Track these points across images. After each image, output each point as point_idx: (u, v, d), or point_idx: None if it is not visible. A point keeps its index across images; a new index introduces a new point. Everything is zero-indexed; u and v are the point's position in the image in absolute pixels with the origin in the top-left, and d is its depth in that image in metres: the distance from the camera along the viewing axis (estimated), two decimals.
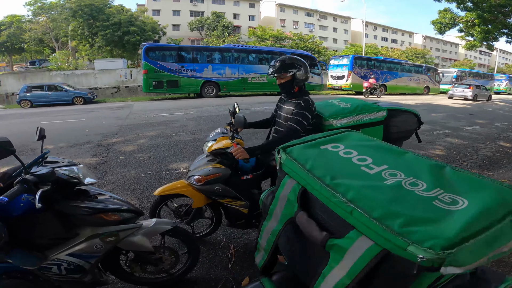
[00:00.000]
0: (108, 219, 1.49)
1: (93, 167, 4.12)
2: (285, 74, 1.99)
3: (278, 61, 2.01)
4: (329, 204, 0.78)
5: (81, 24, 24.72)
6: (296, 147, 1.03)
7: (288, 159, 0.96)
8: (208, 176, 1.98)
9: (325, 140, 1.08)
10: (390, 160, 0.90)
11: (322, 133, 1.16)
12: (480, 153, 5.22)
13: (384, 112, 2.05)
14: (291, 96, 2.08)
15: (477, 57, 62.25)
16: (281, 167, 0.99)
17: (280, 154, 1.00)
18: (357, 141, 1.08)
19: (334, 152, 0.99)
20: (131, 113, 9.46)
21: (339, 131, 1.18)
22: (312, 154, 0.96)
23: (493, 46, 16.28)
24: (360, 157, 0.93)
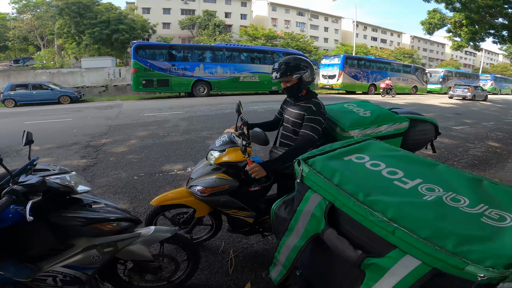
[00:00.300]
0: (105, 229, 1.42)
1: (82, 169, 3.98)
2: (291, 77, 1.84)
3: (282, 64, 1.85)
4: (364, 222, 0.74)
5: (68, 22, 24.22)
6: (319, 159, 0.97)
7: (311, 172, 0.90)
8: (213, 188, 1.83)
9: (347, 150, 1.04)
10: (423, 173, 0.87)
11: (340, 142, 1.11)
12: (470, 152, 5.31)
13: (406, 123, 1.91)
14: (299, 100, 1.94)
15: (463, 57, 63.91)
16: (302, 180, 0.94)
17: (301, 166, 0.94)
18: (381, 151, 1.04)
19: (360, 164, 0.94)
20: (121, 112, 9.25)
21: (359, 140, 1.14)
22: (337, 167, 0.91)
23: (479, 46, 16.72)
24: (389, 169, 0.89)
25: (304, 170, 0.93)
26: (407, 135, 1.92)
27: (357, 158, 0.98)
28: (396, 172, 0.88)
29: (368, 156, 0.99)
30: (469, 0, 13.77)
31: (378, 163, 0.94)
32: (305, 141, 1.77)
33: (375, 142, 1.12)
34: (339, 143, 1.11)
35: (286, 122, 2.02)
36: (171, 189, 3.33)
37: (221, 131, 6.11)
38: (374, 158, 0.97)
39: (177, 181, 3.56)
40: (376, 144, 1.11)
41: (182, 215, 2.19)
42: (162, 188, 3.37)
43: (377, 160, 0.95)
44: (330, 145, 1.09)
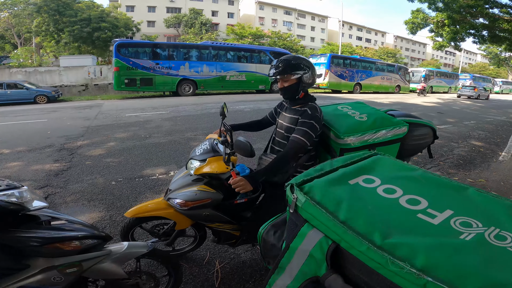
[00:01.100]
0: (66, 248, 1.26)
1: (55, 174, 3.70)
2: (290, 76, 1.67)
3: (282, 61, 1.67)
4: (381, 271, 0.57)
5: (46, 19, 23.40)
6: (318, 184, 0.77)
7: (309, 203, 0.71)
8: (194, 202, 1.65)
9: (352, 170, 0.85)
10: (451, 202, 0.70)
11: (342, 159, 0.92)
12: (455, 152, 5.35)
13: (405, 128, 1.75)
14: (295, 103, 1.77)
15: (443, 57, 66.05)
16: (296, 210, 0.74)
17: (295, 194, 0.74)
18: (393, 170, 0.86)
19: (371, 189, 0.76)
20: (100, 112, 8.84)
21: (364, 155, 0.95)
22: (342, 195, 0.73)
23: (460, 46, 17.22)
24: (409, 197, 0.71)
25: (299, 199, 0.73)
26: (404, 140, 1.78)
27: (366, 181, 0.79)
28: (418, 201, 0.69)
29: (378, 178, 0.80)
30: (451, 0, 14.09)
31: (393, 188, 0.75)
32: (295, 147, 1.58)
33: (384, 158, 0.94)
34: (340, 159, 0.93)
35: (280, 128, 1.84)
36: (152, 196, 3.15)
37: (206, 132, 5.92)
38: (387, 181, 0.78)
39: (158, 186, 3.35)
40: (386, 161, 0.92)
41: (161, 226, 2.01)
42: (142, 194, 3.16)
43: (391, 184, 0.76)
44: (330, 163, 0.91)
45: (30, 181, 3.47)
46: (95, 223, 2.59)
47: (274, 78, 1.72)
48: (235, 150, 1.55)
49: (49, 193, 3.18)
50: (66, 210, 2.83)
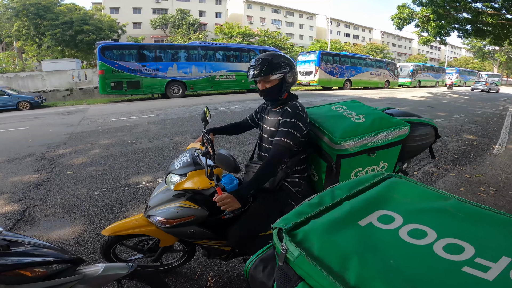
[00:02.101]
0: (30, 274, 1.12)
1: (34, 185, 3.47)
2: (272, 76, 1.51)
3: (261, 61, 1.51)
4: None
5: (26, 23, 22.79)
6: (315, 229, 0.56)
7: (303, 259, 0.52)
8: (176, 220, 1.49)
9: (361, 205, 0.64)
10: (506, 244, 0.51)
11: (346, 186, 0.71)
12: (449, 147, 5.31)
13: (407, 128, 1.59)
14: (277, 105, 1.62)
15: (429, 51, 67.27)
16: (286, 261, 0.55)
17: (285, 244, 0.55)
18: (416, 201, 0.64)
19: (390, 233, 0.55)
20: (85, 118, 8.52)
21: (374, 180, 0.72)
22: (350, 245, 0.52)
23: (445, 40, 17.47)
24: (446, 242, 0.52)
25: (290, 251, 0.54)
26: (406, 142, 1.63)
27: (382, 219, 0.58)
28: (461, 247, 0.50)
29: (399, 214, 0.59)
30: None
31: (421, 228, 0.54)
32: (279, 151, 1.43)
33: (402, 183, 0.71)
34: (344, 187, 0.71)
35: (264, 133, 1.69)
36: (138, 205, 2.96)
37: (196, 136, 5.72)
38: (412, 219, 0.57)
39: (145, 195, 3.17)
40: (405, 187, 0.69)
41: (146, 241, 1.85)
42: (127, 205, 2.97)
43: (418, 223, 0.55)
44: (331, 192, 0.68)
45: (8, 194, 3.24)
46: (77, 237, 2.41)
47: (253, 79, 1.55)
48: (217, 164, 1.38)
49: (28, 206, 2.97)
50: (46, 223, 2.64)
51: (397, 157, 1.65)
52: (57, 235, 2.44)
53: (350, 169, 1.52)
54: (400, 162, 1.73)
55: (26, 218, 2.73)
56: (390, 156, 1.60)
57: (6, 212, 2.84)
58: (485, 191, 3.42)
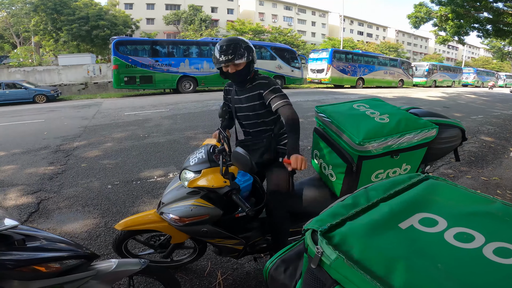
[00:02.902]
0: (44, 270, 1.12)
1: (49, 177, 3.54)
2: (243, 59, 1.60)
3: (229, 45, 1.59)
4: None
5: (44, 18, 23.25)
6: (354, 232, 0.54)
7: (343, 262, 0.49)
8: (190, 218, 1.47)
9: (399, 207, 0.60)
10: None
11: (380, 187, 0.67)
12: (466, 148, 5.16)
13: (435, 130, 1.50)
14: (244, 84, 1.73)
15: (445, 51, 65.38)
16: (320, 265, 0.52)
17: (320, 247, 0.52)
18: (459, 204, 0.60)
19: (435, 236, 0.52)
20: (99, 111, 8.67)
21: (410, 181, 0.68)
22: (394, 249, 0.50)
23: (463, 40, 16.92)
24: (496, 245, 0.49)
25: (326, 254, 0.51)
26: (431, 144, 1.54)
27: (424, 222, 0.55)
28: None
29: (442, 217, 0.56)
30: None
31: (468, 232, 0.51)
32: (290, 109, 1.56)
33: (441, 185, 0.67)
34: (379, 188, 0.67)
35: (242, 111, 1.78)
36: (149, 200, 2.98)
37: (207, 131, 5.74)
38: (457, 222, 0.54)
39: (156, 190, 3.19)
40: (445, 189, 0.65)
41: (157, 237, 1.85)
42: (139, 199, 3.00)
43: (464, 226, 0.52)
44: (365, 193, 0.65)
45: (23, 185, 3.32)
46: (89, 230, 2.44)
47: (220, 65, 1.64)
48: (232, 162, 1.37)
49: (42, 198, 3.03)
50: (59, 216, 2.68)
51: (421, 160, 1.58)
52: (70, 228, 2.48)
53: (371, 171, 1.47)
54: (422, 165, 1.65)
55: (40, 211, 2.78)
56: (414, 158, 1.53)
57: (21, 204, 2.91)
58: (502, 194, 3.31)
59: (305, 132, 5.74)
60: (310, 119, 6.96)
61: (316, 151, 1.79)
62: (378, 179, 1.51)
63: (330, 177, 1.61)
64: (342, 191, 1.52)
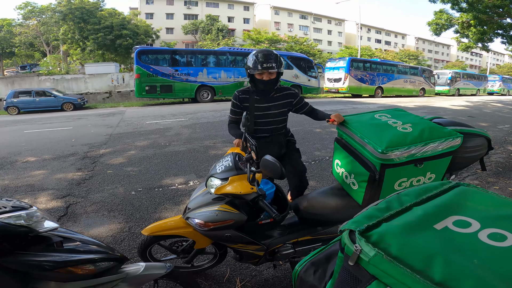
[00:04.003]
0: (79, 272, 1.18)
1: (77, 183, 3.72)
2: (279, 69, 1.97)
3: (269, 55, 1.93)
4: None
5: (72, 27, 24.28)
6: (391, 231, 0.58)
7: (382, 258, 0.53)
8: (215, 223, 1.53)
9: (433, 210, 0.64)
10: None
11: (413, 192, 0.71)
12: (492, 159, 4.95)
13: (460, 139, 1.51)
14: (270, 92, 2.07)
15: (469, 58, 63.19)
16: (357, 262, 0.57)
17: (359, 245, 0.56)
18: (491, 208, 0.64)
19: (469, 236, 0.56)
20: (122, 120, 9.03)
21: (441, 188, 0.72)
22: (430, 246, 0.54)
23: (487, 47, 16.34)
24: None
25: (364, 252, 0.55)
26: (456, 153, 1.55)
27: (458, 224, 0.59)
28: None
29: (475, 219, 0.60)
30: (476, 0, 13.45)
31: (501, 233, 0.55)
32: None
33: (472, 191, 0.71)
34: (411, 193, 0.71)
35: (266, 117, 2.13)
36: (171, 207, 3.08)
37: (225, 140, 5.85)
38: (490, 224, 0.58)
39: (177, 197, 3.28)
40: (476, 195, 0.69)
41: (180, 243, 1.91)
42: (161, 205, 3.09)
43: (498, 228, 0.56)
44: (398, 199, 0.68)
45: (53, 190, 3.51)
46: (114, 235, 2.55)
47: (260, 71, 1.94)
48: (261, 170, 1.42)
49: (71, 202, 3.18)
50: (86, 220, 2.81)
51: (446, 169, 1.57)
52: (96, 232, 2.59)
53: (394, 179, 1.47)
54: (447, 174, 1.64)
55: (68, 215, 2.92)
56: (438, 167, 1.52)
57: (51, 207, 3.07)
58: None
59: (323, 142, 5.72)
60: (327, 129, 6.92)
61: (337, 160, 1.81)
62: (401, 188, 1.51)
63: (352, 186, 1.62)
64: (365, 199, 1.53)
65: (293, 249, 1.73)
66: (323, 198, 1.73)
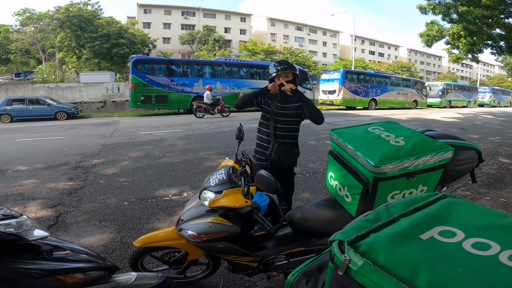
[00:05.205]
0: (68, 281, 1.18)
1: (68, 192, 3.68)
2: (291, 71, 2.23)
3: (284, 61, 2.26)
4: None
5: (69, 35, 24.18)
6: (378, 241, 0.59)
7: (369, 268, 0.55)
8: (208, 235, 1.53)
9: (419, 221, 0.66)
10: None
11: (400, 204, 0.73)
12: (484, 170, 5.03)
13: (451, 152, 1.53)
14: (289, 96, 2.26)
15: (460, 69, 64.74)
16: (347, 272, 0.59)
17: (347, 255, 0.58)
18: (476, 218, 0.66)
19: (454, 245, 0.58)
20: (116, 130, 8.99)
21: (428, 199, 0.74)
22: (416, 255, 0.56)
23: (477, 58, 16.77)
24: (508, 253, 0.55)
25: (353, 262, 0.57)
26: (447, 166, 1.57)
27: (443, 234, 0.61)
28: None
29: (460, 229, 0.62)
30: (465, 11, 13.84)
31: (484, 242, 0.57)
32: (321, 113, 2.29)
33: (458, 202, 0.72)
34: (399, 205, 0.73)
35: (284, 117, 2.31)
36: (164, 217, 3.05)
37: (220, 152, 5.86)
38: (474, 233, 0.60)
39: (171, 208, 3.25)
40: (462, 206, 0.71)
41: (173, 253, 1.90)
42: (154, 216, 3.07)
43: (481, 237, 0.58)
44: (386, 210, 0.70)
45: (44, 199, 3.46)
46: (105, 244, 2.51)
47: (278, 73, 2.21)
48: (256, 184, 1.45)
49: (61, 212, 3.14)
50: (77, 230, 2.77)
51: (437, 181, 1.59)
52: (87, 242, 2.55)
53: (387, 192, 1.49)
54: (439, 186, 1.67)
55: (59, 224, 2.88)
56: (430, 180, 1.54)
57: (41, 216, 3.02)
58: None
59: (317, 154, 5.76)
60: (322, 142, 6.99)
61: (331, 173, 1.83)
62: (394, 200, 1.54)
63: (346, 198, 1.63)
64: (358, 211, 1.54)
65: (287, 260, 1.73)
66: (317, 210, 1.74)
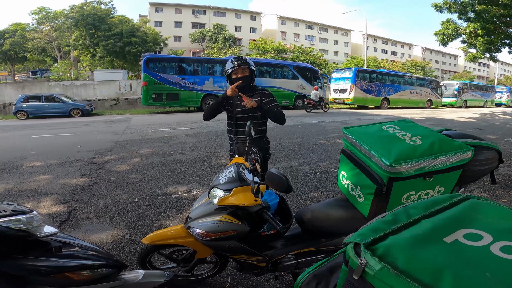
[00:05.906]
0: (76, 278, 1.17)
1: (81, 189, 3.74)
2: (247, 67, 2.23)
3: (239, 57, 2.30)
4: None
5: (83, 33, 24.66)
6: (397, 244, 0.56)
7: (388, 272, 0.51)
8: (216, 233, 1.52)
9: (442, 223, 0.62)
10: None
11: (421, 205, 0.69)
12: (501, 171, 4.86)
13: (470, 152, 1.46)
14: (246, 91, 2.27)
15: (476, 68, 62.81)
16: (362, 276, 0.55)
17: (364, 258, 0.54)
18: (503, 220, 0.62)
19: (481, 249, 0.54)
20: (129, 127, 9.13)
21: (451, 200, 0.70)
22: (440, 259, 0.52)
23: (495, 57, 16.20)
24: None
25: (370, 265, 0.53)
26: (466, 166, 1.50)
27: (469, 237, 0.57)
28: None
29: (487, 232, 0.58)
30: (483, 10, 13.40)
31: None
32: (281, 112, 2.30)
33: (483, 204, 0.68)
34: (419, 206, 0.69)
35: (242, 113, 2.34)
36: (173, 215, 3.06)
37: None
38: (503, 236, 0.56)
39: (180, 205, 3.27)
40: (487, 208, 0.67)
41: (181, 251, 1.89)
42: (163, 213, 3.08)
43: (509, 241, 0.54)
44: (405, 211, 0.67)
45: (57, 195, 3.53)
46: (115, 241, 2.54)
47: (235, 68, 2.21)
48: (266, 183, 1.42)
49: (73, 208, 3.19)
50: (88, 226, 2.81)
51: (455, 182, 1.52)
52: (97, 238, 2.58)
53: (402, 192, 1.43)
54: (456, 187, 1.60)
55: (70, 220, 2.92)
56: (448, 180, 1.48)
57: (53, 212, 3.08)
58: None
59: (328, 153, 5.68)
60: (333, 141, 6.88)
61: (343, 172, 1.78)
62: (409, 201, 1.47)
63: (358, 198, 1.58)
64: (371, 212, 1.49)
65: (295, 260, 1.70)
66: (328, 210, 1.70)
